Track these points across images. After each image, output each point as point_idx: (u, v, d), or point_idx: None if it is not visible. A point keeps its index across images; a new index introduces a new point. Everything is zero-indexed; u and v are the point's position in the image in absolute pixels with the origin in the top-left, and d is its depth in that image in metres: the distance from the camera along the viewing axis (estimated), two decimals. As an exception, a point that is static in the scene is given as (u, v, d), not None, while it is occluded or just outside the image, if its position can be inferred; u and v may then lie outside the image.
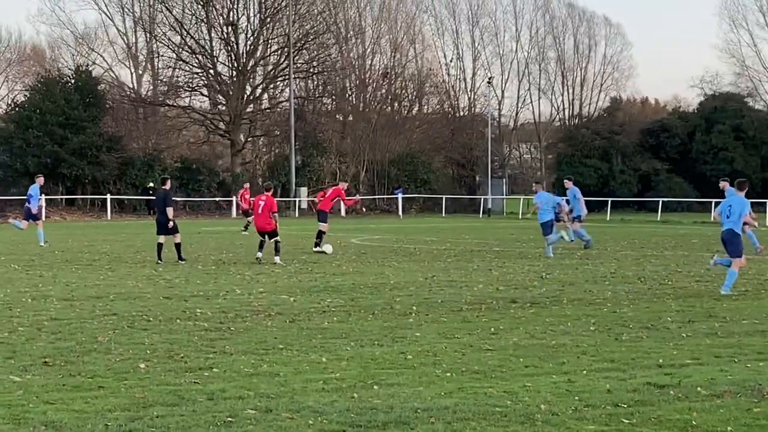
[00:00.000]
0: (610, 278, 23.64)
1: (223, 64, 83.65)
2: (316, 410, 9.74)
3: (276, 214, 29.41)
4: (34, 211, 36.49)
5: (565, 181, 38.03)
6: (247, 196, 48.79)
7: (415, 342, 13.97)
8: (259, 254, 28.60)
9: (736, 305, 18.34)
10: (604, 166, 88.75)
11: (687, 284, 22.27)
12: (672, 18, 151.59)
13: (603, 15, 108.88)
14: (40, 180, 38.22)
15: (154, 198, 36.72)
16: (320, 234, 32.67)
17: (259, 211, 29.40)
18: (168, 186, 29.58)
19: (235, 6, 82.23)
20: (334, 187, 35.10)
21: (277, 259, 28.22)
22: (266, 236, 29.09)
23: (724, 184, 32.54)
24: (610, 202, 73.23)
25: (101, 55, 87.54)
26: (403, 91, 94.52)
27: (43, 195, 39.23)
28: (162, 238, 28.65)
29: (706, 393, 10.54)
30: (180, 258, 28.24)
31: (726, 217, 20.90)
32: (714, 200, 61.93)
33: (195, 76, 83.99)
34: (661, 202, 70.60)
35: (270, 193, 29.92)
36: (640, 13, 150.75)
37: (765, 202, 64.80)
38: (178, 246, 28.50)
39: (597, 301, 18.92)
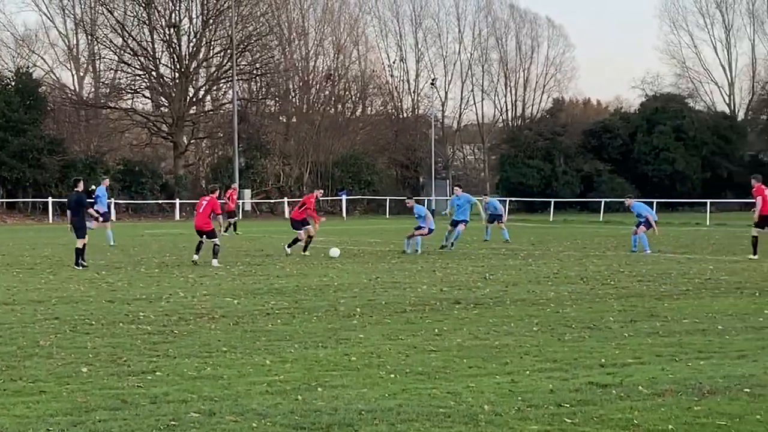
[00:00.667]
0: (553, 279, 23.78)
1: (166, 66, 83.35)
2: (260, 413, 9.71)
3: (220, 217, 29.27)
4: (102, 211, 36.94)
5: (455, 188, 38.19)
6: (235, 197, 49.76)
7: (359, 344, 13.98)
8: (196, 257, 28.45)
9: (678, 305, 18.51)
10: (547, 166, 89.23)
11: (629, 284, 22.44)
12: (614, 20, 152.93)
13: (545, 16, 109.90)
14: (106, 182, 40.53)
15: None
16: (309, 239, 32.38)
17: (200, 211, 29.24)
18: (80, 188, 28.84)
19: (177, 8, 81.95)
20: (307, 196, 34.08)
21: (214, 262, 28.05)
22: (204, 236, 28.94)
23: (629, 202, 34.63)
24: (553, 202, 73.63)
25: (42, 57, 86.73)
26: (347, 93, 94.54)
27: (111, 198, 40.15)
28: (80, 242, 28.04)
29: (648, 392, 10.63)
30: (77, 263, 27.34)
31: None
32: (656, 200, 62.66)
33: (137, 78, 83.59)
34: (603, 203, 71.09)
35: (215, 195, 29.75)
36: (583, 14, 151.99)
37: (706, 203, 65.51)
38: (78, 251, 27.82)
39: (540, 302, 19.03)
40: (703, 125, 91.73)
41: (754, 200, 31.39)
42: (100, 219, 28.99)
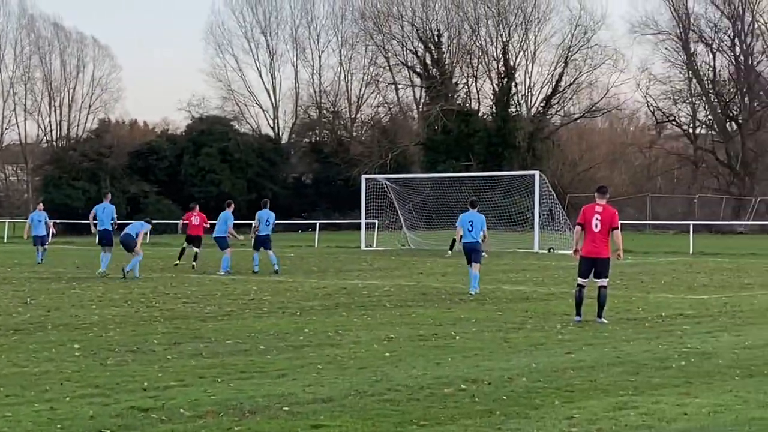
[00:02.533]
0: (98, 302, 23.41)
1: None
2: None
3: None
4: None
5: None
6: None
7: None
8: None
9: (221, 325, 18.72)
10: (93, 188, 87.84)
11: (174, 306, 22.46)
12: (161, 42, 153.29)
13: (92, 36, 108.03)
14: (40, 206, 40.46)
15: None
16: None
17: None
18: None
19: None
20: None
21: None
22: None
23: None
24: (99, 224, 72.49)
25: None
26: None
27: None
28: None
29: (190, 414, 10.65)
30: None
31: (468, 230, 25.35)
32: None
33: None
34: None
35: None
36: (130, 35, 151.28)
37: (251, 224, 66.68)
38: None
39: (83, 326, 18.65)
40: (248, 147, 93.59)
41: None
42: None
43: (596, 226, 19.31)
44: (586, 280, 19.59)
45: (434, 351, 15.42)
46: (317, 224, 64.14)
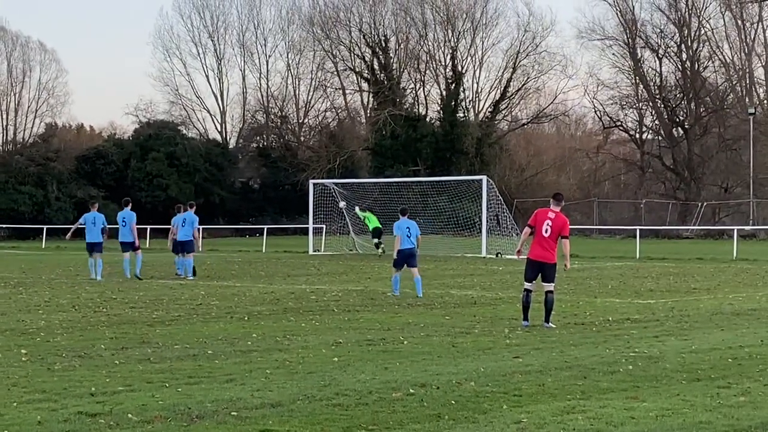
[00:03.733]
0: (45, 307, 23.23)
1: None
2: None
3: None
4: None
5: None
6: None
7: None
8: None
9: (169, 331, 18.64)
10: (40, 193, 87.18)
11: (122, 311, 22.34)
12: (108, 46, 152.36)
13: (38, 40, 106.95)
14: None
15: None
16: None
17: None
18: None
19: None
20: None
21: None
22: None
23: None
24: (45, 229, 72.05)
25: None
26: None
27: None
28: None
29: (138, 419, 10.59)
30: None
31: (407, 237, 26.58)
32: (150, 227, 63.07)
33: None
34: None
35: None
36: (76, 39, 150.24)
37: (199, 228, 66.40)
38: None
39: (30, 331, 18.51)
40: (196, 152, 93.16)
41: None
42: None
43: (546, 231, 19.42)
44: (533, 284, 19.70)
45: (382, 355, 15.44)
46: (265, 229, 63.93)
